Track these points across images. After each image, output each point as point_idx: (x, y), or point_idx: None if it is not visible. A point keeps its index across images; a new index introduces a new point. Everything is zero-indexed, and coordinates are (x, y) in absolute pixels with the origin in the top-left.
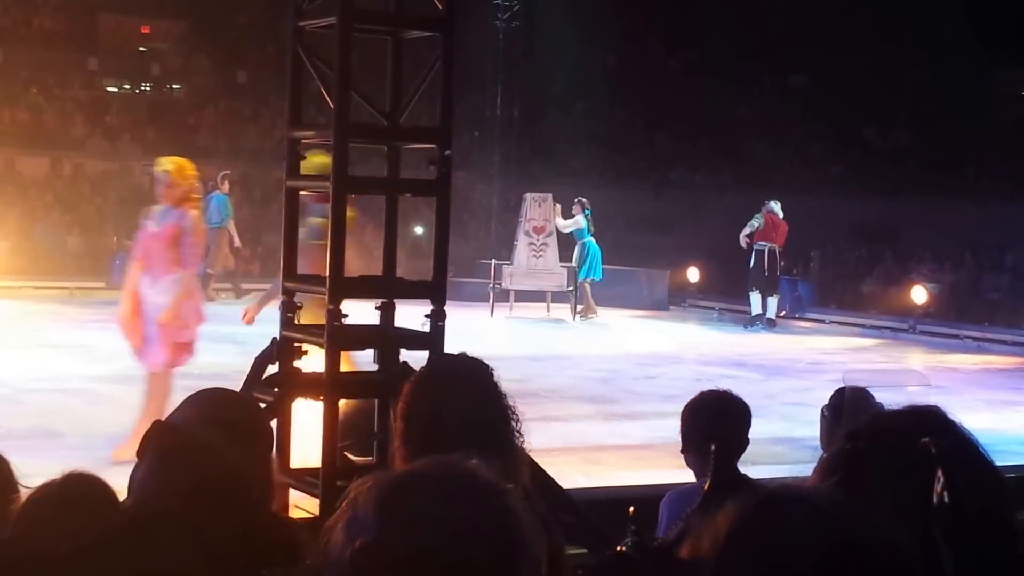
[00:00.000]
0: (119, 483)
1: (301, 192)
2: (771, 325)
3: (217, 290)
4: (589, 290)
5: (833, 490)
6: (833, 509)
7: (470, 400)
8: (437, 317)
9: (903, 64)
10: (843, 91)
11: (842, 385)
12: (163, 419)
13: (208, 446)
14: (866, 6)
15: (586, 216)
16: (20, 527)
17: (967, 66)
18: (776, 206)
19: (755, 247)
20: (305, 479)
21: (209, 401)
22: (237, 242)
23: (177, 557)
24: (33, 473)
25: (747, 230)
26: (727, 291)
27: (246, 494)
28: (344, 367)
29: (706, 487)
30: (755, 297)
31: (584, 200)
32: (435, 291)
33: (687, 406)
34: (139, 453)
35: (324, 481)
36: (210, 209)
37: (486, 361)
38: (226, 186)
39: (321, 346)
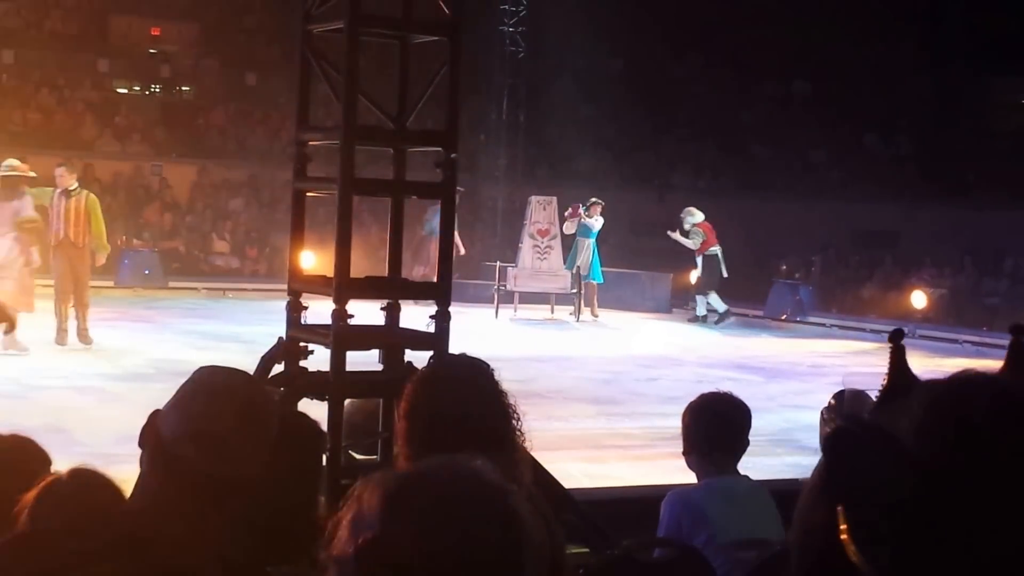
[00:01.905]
0: (125, 476)
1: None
2: (727, 316)
3: None
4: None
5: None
6: (1015, 387)
7: (472, 399)
8: (442, 318)
9: (904, 72)
10: (845, 98)
11: (842, 388)
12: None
13: (209, 439)
14: (868, 14)
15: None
16: (31, 523)
17: (967, 74)
18: (695, 216)
19: (706, 254)
20: None
21: (215, 387)
22: (463, 251)
23: (182, 554)
24: None
25: (693, 245)
26: (729, 294)
27: (251, 490)
28: None
29: (883, 387)
30: (715, 297)
31: (602, 203)
32: (440, 292)
33: (688, 407)
34: (141, 443)
35: (329, 480)
36: (433, 220)
37: (490, 362)
38: None
39: (327, 346)
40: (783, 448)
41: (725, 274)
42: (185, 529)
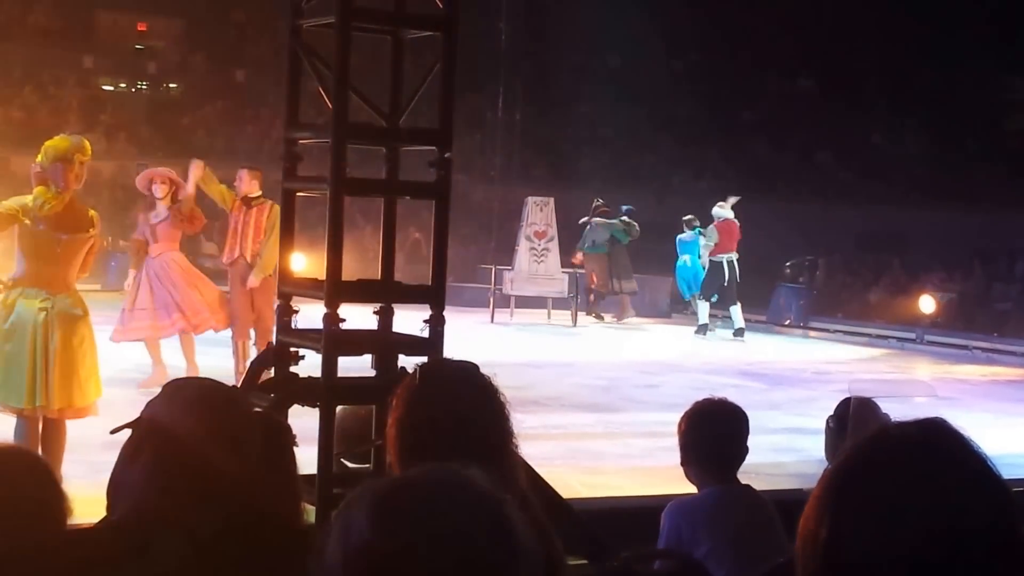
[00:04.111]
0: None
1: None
2: (741, 335)
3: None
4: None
5: None
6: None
7: (463, 405)
8: (436, 322)
9: (912, 70)
10: (851, 96)
11: (848, 395)
12: (151, 418)
13: (202, 448)
14: (875, 10)
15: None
16: None
17: (977, 73)
18: (723, 211)
19: (711, 259)
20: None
21: (198, 397)
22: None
23: (172, 565)
24: None
25: (704, 251)
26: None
27: (244, 498)
28: None
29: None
30: (704, 306)
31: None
32: (434, 296)
33: (684, 416)
34: (130, 455)
35: (320, 488)
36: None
37: (485, 367)
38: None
39: (318, 351)
40: (787, 457)
41: (726, 283)
42: (184, 536)
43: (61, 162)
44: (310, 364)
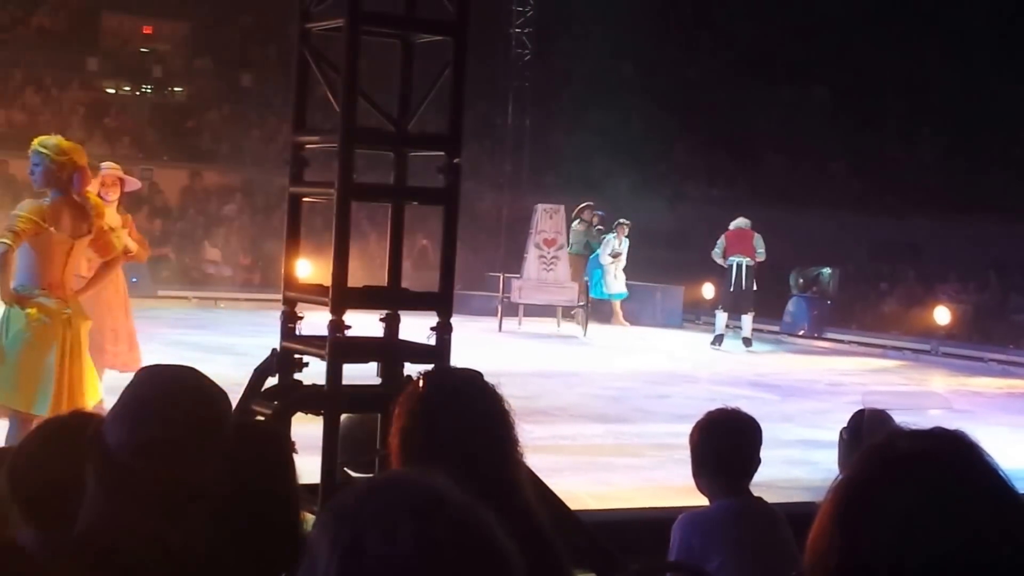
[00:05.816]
0: None
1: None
2: (747, 344)
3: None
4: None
5: None
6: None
7: (467, 414)
8: (443, 330)
9: (928, 77)
10: (865, 104)
11: (861, 407)
12: (99, 421)
13: (159, 447)
14: (890, 17)
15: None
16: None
17: (993, 81)
18: (736, 220)
19: (725, 262)
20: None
21: (162, 389)
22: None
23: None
24: None
25: (716, 258)
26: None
27: (210, 498)
28: None
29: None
30: (720, 316)
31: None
32: (441, 303)
33: (696, 427)
34: (86, 457)
35: (323, 497)
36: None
37: (493, 376)
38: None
39: (323, 358)
40: (800, 469)
41: (743, 288)
42: (140, 546)
43: (84, 168)
44: (314, 372)
